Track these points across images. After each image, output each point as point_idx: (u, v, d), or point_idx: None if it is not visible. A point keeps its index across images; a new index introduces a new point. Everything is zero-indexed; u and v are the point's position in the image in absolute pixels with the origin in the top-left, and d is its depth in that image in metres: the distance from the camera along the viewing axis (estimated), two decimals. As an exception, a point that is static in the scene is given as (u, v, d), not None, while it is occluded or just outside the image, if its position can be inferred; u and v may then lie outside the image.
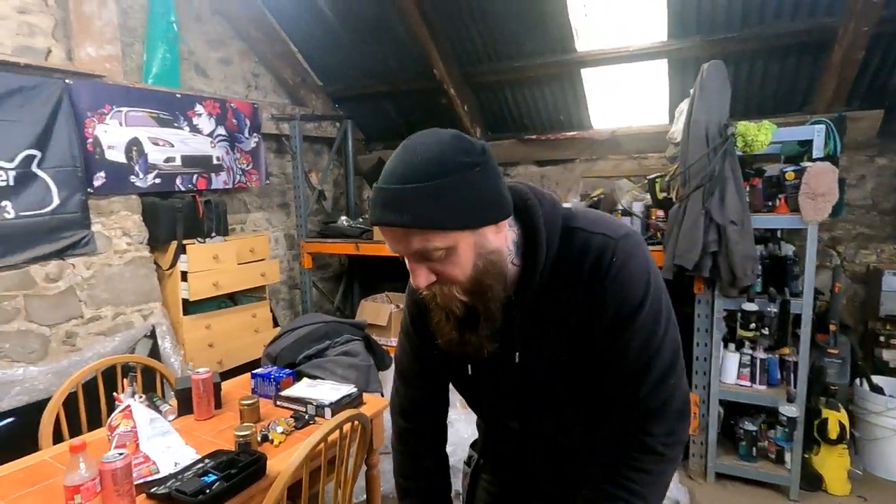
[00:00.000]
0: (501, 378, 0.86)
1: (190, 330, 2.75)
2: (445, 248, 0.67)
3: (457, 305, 0.73)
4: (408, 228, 0.66)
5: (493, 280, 0.72)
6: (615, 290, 0.74)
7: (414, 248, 0.68)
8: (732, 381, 2.41)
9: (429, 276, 0.71)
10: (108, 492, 1.07)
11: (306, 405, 1.65)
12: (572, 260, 0.75)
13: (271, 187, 3.66)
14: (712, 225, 2.20)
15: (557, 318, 0.78)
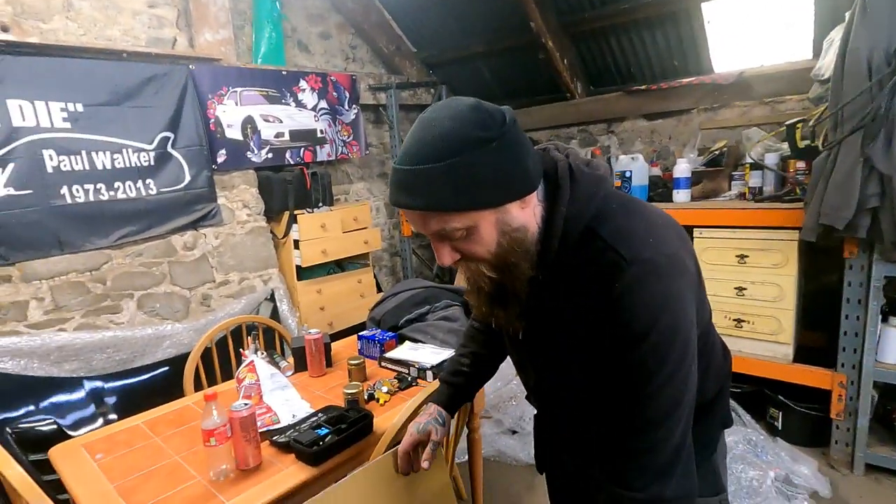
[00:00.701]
0: (513, 352, 0.91)
1: (303, 294, 2.97)
2: (465, 228, 0.65)
3: (485, 281, 0.72)
4: (424, 212, 0.65)
5: (518, 258, 0.69)
6: (620, 313, 0.66)
7: (433, 230, 0.67)
8: (892, 361, 2.04)
9: (453, 255, 0.69)
10: (237, 437, 1.18)
11: (409, 367, 1.69)
12: (586, 268, 0.69)
13: (371, 157, 3.76)
14: (873, 175, 1.83)
15: (559, 314, 0.74)
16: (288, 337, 2.03)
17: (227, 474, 1.17)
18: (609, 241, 0.67)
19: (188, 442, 1.34)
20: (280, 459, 1.24)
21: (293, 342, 1.82)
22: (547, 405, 0.94)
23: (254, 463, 1.20)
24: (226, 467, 1.17)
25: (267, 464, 1.23)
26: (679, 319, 0.66)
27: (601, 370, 0.71)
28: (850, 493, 2.01)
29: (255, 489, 1.13)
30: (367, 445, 1.30)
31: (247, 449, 1.19)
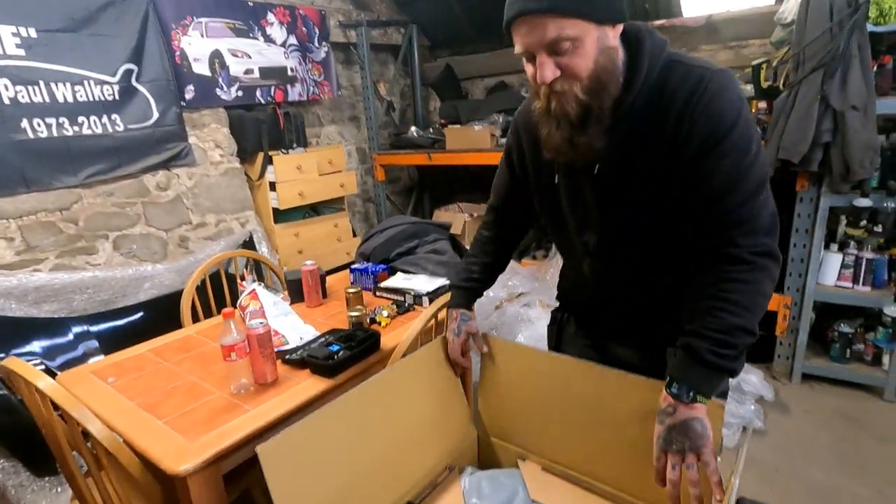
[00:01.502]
0: (581, 193, 0.92)
1: (281, 237, 2.95)
2: (574, 39, 0.74)
3: (572, 106, 0.78)
4: (545, 15, 0.72)
5: (609, 77, 0.78)
6: (708, 116, 0.77)
7: (548, 38, 0.73)
8: (831, 283, 2.29)
9: (555, 70, 0.76)
10: (255, 353, 1.22)
11: (405, 295, 1.76)
12: (671, 92, 0.79)
13: (342, 100, 3.67)
14: (828, 112, 1.99)
15: (646, 148, 0.82)
16: (279, 272, 2.05)
17: (247, 388, 1.23)
18: (690, 63, 0.80)
19: (200, 365, 1.38)
20: (295, 375, 1.31)
21: (287, 275, 1.85)
22: (605, 262, 0.95)
23: (271, 378, 1.26)
24: (245, 381, 1.22)
25: (283, 379, 1.28)
26: (749, 111, 0.81)
27: (699, 179, 0.79)
28: (789, 398, 2.30)
29: (276, 400, 1.19)
30: (376, 361, 1.38)
31: (264, 365, 1.24)
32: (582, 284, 1.04)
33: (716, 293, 0.79)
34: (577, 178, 0.91)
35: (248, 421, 1.11)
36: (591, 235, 0.94)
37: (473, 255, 1.19)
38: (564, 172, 0.93)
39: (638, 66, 0.80)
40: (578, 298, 1.12)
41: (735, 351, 0.77)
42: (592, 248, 0.95)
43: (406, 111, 4.25)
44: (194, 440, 1.04)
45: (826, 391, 2.34)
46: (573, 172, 0.91)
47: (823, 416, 2.17)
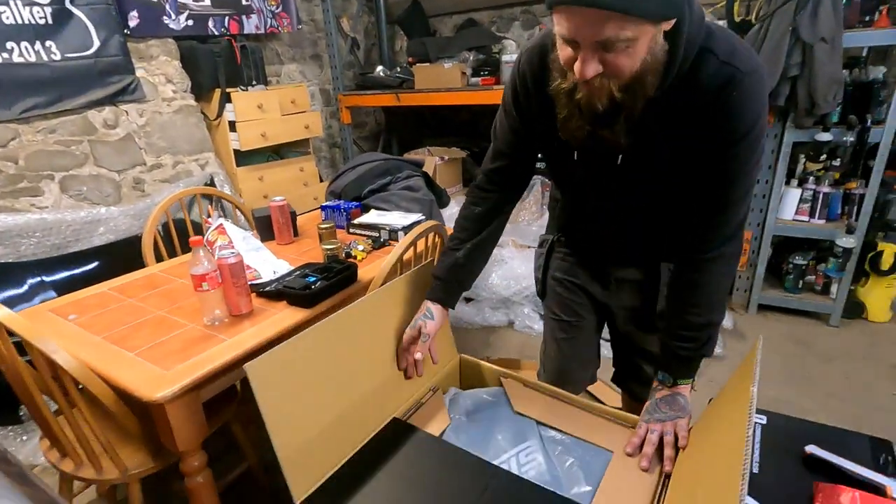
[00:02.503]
0: (603, 173, 0.91)
1: (244, 180, 2.82)
2: (629, 40, 0.65)
3: (603, 102, 0.72)
4: (610, 12, 0.61)
5: (651, 78, 0.71)
6: (730, 119, 0.75)
7: (604, 36, 0.64)
8: (790, 217, 2.39)
9: (598, 67, 0.68)
10: (227, 284, 1.18)
11: (380, 230, 1.72)
12: (699, 85, 0.75)
13: (302, 36, 3.44)
14: (797, 45, 2.01)
15: (668, 134, 0.80)
16: (246, 210, 1.96)
17: (222, 319, 1.19)
18: (723, 58, 0.74)
19: (168, 300, 1.32)
20: (271, 307, 1.27)
21: (255, 212, 1.77)
22: (615, 224, 0.98)
23: (246, 309, 1.22)
24: (219, 313, 1.18)
25: (258, 311, 1.25)
26: (766, 115, 0.80)
27: (698, 171, 0.82)
28: (746, 326, 2.44)
29: (253, 330, 1.16)
30: (355, 292, 1.36)
31: (238, 296, 1.20)
32: (587, 224, 1.05)
33: (690, 294, 0.90)
34: (598, 161, 0.89)
35: (226, 349, 1.08)
36: (608, 202, 0.96)
37: (462, 231, 1.05)
38: (583, 151, 0.89)
39: (673, 59, 0.72)
40: (580, 232, 1.10)
41: (703, 342, 0.91)
42: (611, 210, 0.97)
43: (371, 50, 4.04)
44: (170, 368, 1.01)
45: (779, 319, 2.50)
46: (594, 156, 0.88)
47: (776, 342, 2.32)
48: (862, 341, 2.29)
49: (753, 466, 0.77)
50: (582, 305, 1.14)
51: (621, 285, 1.08)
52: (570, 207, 1.08)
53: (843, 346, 2.26)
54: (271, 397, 0.77)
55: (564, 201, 1.10)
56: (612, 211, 0.96)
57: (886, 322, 2.40)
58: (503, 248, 2.61)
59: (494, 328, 2.52)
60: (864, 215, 2.21)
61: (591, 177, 0.93)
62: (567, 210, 1.10)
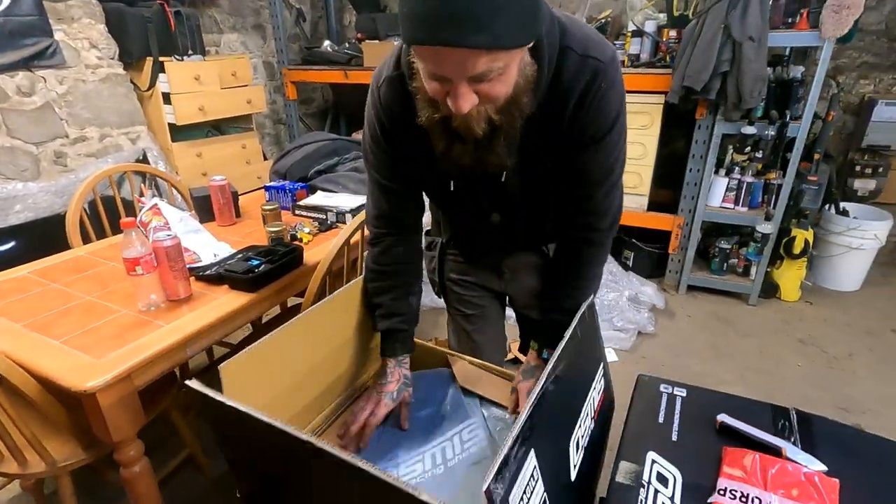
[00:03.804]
0: (487, 193, 0.91)
1: (181, 157, 2.67)
2: (502, 68, 0.62)
3: (482, 127, 0.69)
4: (479, 51, 0.58)
5: (524, 96, 0.70)
6: (597, 111, 0.77)
7: (477, 71, 0.60)
8: (717, 204, 2.57)
9: (474, 99, 0.65)
10: (164, 267, 1.13)
11: (326, 212, 1.69)
12: (566, 84, 0.74)
13: (243, 4, 3.26)
14: (728, 42, 2.13)
15: (547, 143, 0.80)
16: (183, 188, 1.86)
17: (158, 305, 1.14)
18: (582, 52, 0.73)
19: (98, 284, 1.25)
20: (212, 291, 1.23)
21: (193, 192, 1.69)
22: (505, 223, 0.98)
23: (184, 294, 1.18)
24: (155, 297, 1.13)
25: (198, 295, 1.21)
26: (625, 106, 0.82)
27: (577, 164, 0.84)
28: (676, 305, 2.62)
29: (193, 314, 1.12)
30: (299, 276, 1.34)
31: (176, 280, 1.15)
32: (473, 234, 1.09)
33: (573, 276, 0.97)
34: (481, 182, 0.87)
35: (163, 335, 1.04)
36: (492, 215, 0.97)
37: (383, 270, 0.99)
38: (463, 177, 0.87)
39: (541, 72, 0.71)
40: (466, 238, 1.13)
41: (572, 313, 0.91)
42: (494, 220, 0.98)
43: (318, 23, 3.89)
44: (102, 356, 0.96)
45: (705, 299, 2.69)
46: (475, 178, 0.85)
47: (702, 319, 2.51)
48: (775, 318, 2.51)
49: (673, 435, 0.85)
50: (482, 297, 1.19)
51: (514, 272, 1.13)
52: (453, 222, 1.11)
53: (760, 323, 2.48)
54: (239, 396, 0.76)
55: (446, 217, 1.11)
56: (495, 220, 0.97)
57: (796, 301, 2.65)
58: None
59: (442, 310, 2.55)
60: (780, 204, 2.41)
61: (473, 197, 0.93)
62: (450, 223, 1.12)
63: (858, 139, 2.73)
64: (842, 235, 2.63)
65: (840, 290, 2.75)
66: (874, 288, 2.75)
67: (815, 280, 2.80)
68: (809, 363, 2.18)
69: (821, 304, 2.64)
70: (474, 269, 1.16)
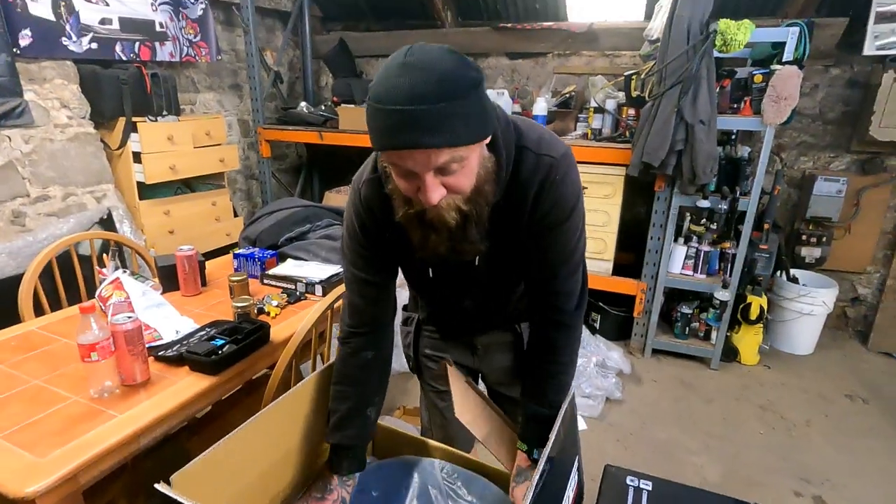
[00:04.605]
0: (461, 277, 0.97)
1: (148, 215, 2.63)
2: (462, 160, 0.70)
3: (452, 216, 0.76)
4: (437, 148, 0.66)
5: (489, 185, 0.78)
6: (555, 201, 0.84)
7: (439, 163, 0.68)
8: (677, 271, 2.67)
9: (442, 191, 0.72)
10: (121, 352, 1.09)
11: (296, 283, 1.68)
12: (525, 178, 0.83)
13: (222, 66, 3.33)
14: (682, 124, 2.29)
15: (512, 229, 0.88)
16: (148, 256, 1.82)
17: (112, 391, 1.09)
18: (537, 151, 0.83)
19: (48, 366, 1.19)
20: (171, 373, 1.19)
21: (158, 261, 1.66)
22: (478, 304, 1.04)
23: (142, 378, 1.13)
24: (110, 384, 1.08)
25: (156, 378, 1.16)
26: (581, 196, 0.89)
27: (540, 249, 0.90)
28: (642, 370, 2.66)
29: (150, 402, 1.08)
30: (265, 355, 1.31)
31: (133, 363, 1.11)
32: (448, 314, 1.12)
33: (550, 363, 0.98)
34: (456, 267, 0.93)
35: (116, 427, 0.98)
36: (467, 297, 1.03)
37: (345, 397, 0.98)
38: (440, 264, 0.94)
39: (500, 164, 0.80)
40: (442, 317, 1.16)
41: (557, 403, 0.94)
42: (469, 302, 1.04)
43: (295, 84, 3.99)
44: (46, 454, 0.90)
45: (670, 363, 2.75)
46: (450, 264, 0.91)
47: (667, 384, 2.55)
48: (736, 383, 2.58)
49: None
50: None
51: (487, 350, 1.16)
52: (430, 304, 1.14)
53: (722, 388, 2.54)
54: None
55: (423, 300, 1.15)
56: (470, 302, 1.04)
57: (755, 365, 2.73)
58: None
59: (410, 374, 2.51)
60: (736, 271, 2.53)
61: (449, 282, 0.99)
62: (427, 304, 1.15)
63: (803, 211, 2.93)
64: (793, 301, 2.77)
65: (795, 354, 2.86)
66: (826, 352, 2.87)
67: (771, 344, 2.91)
68: (770, 430, 2.23)
69: (778, 368, 2.73)
70: (448, 346, 1.18)
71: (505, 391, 1.19)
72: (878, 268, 2.97)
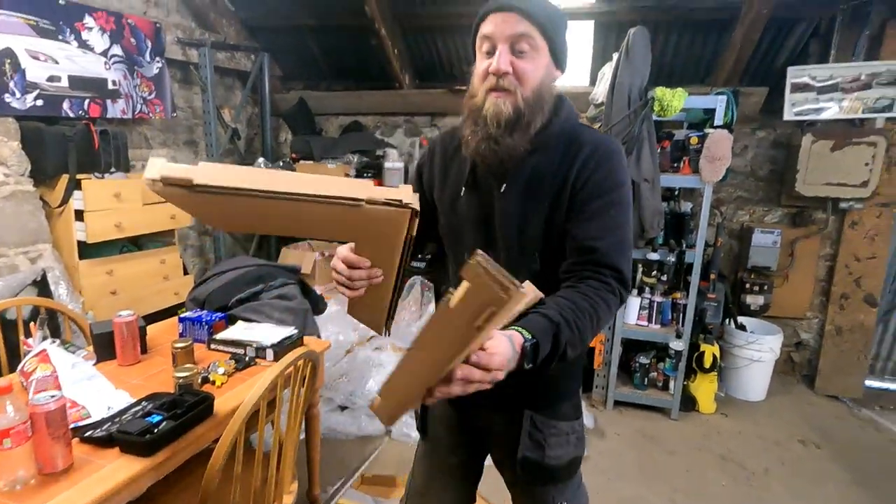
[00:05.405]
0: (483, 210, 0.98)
1: (88, 276, 2.48)
2: (532, 44, 0.87)
3: (508, 108, 0.87)
4: (521, 14, 0.85)
5: (545, 99, 0.91)
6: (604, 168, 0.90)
7: (516, 31, 0.85)
8: (633, 322, 2.73)
9: (509, 64, 0.86)
10: (41, 436, 0.98)
11: (245, 347, 1.60)
12: (581, 139, 0.93)
13: (177, 122, 3.30)
14: (628, 182, 2.41)
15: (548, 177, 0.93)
16: (83, 322, 1.70)
17: (27, 481, 0.97)
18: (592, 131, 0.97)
19: (-48, 454, 1.05)
20: (99, 456, 1.08)
21: (93, 328, 1.55)
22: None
23: (64, 464, 1.02)
24: (24, 474, 0.97)
25: (81, 463, 1.05)
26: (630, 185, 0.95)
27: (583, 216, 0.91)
28: (605, 423, 2.64)
29: (71, 492, 0.97)
30: (210, 428, 1.22)
31: (54, 448, 1.00)
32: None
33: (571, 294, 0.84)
34: (482, 193, 0.98)
35: (26, 528, 0.87)
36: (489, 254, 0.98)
37: None
38: (471, 186, 0.99)
39: (559, 113, 0.95)
40: None
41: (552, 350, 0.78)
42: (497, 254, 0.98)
43: (253, 140, 3.99)
44: (-65, 568, 0.78)
45: (631, 414, 2.75)
46: (479, 187, 0.98)
47: (630, 437, 2.53)
48: (696, 433, 2.60)
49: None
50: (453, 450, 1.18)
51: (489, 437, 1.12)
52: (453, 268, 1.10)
53: (683, 438, 2.54)
54: None
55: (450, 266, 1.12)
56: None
57: (713, 414, 2.77)
58: (382, 352, 2.58)
59: (371, 438, 2.40)
60: (688, 321, 2.61)
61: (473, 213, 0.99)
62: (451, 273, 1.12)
63: (744, 261, 3.10)
64: (743, 349, 2.87)
65: (749, 400, 2.93)
66: (777, 397, 2.96)
67: (726, 391, 2.97)
68: (732, 481, 2.23)
69: (734, 415, 2.78)
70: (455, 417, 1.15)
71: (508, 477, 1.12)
72: (815, 313, 3.14)
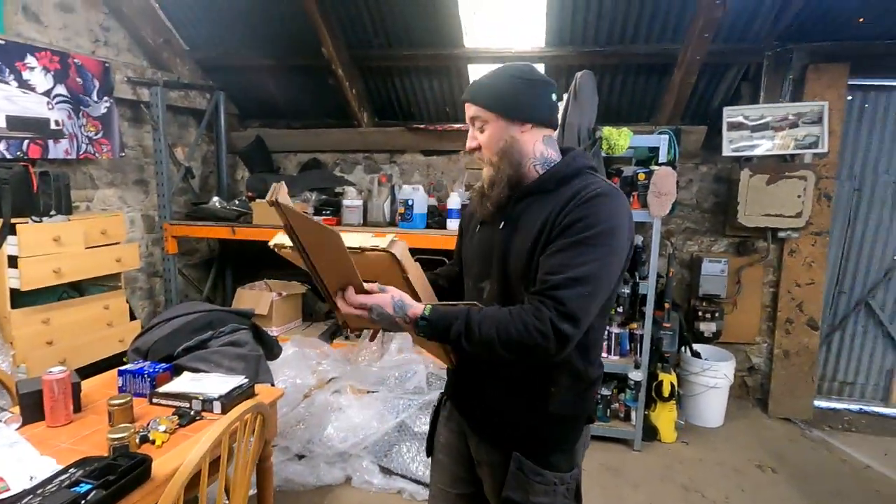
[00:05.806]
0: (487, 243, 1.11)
1: (21, 326, 2.31)
2: (483, 121, 1.04)
3: (487, 171, 1.08)
4: (469, 103, 1.06)
5: (506, 163, 1.04)
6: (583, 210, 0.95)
7: (470, 114, 1.06)
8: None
9: (472, 142, 1.08)
10: (-54, 518, 0.88)
11: (191, 400, 1.51)
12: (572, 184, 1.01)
13: (126, 161, 3.20)
14: (581, 217, 2.49)
15: (536, 216, 1.02)
16: (7, 379, 1.57)
17: (-73, 572, 0.87)
18: (594, 178, 1.03)
19: None
20: (16, 536, 0.98)
21: (20, 386, 1.43)
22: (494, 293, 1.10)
23: (-28, 548, 0.92)
24: (-76, 563, 0.86)
25: (-6, 546, 0.95)
26: (618, 231, 0.96)
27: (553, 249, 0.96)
28: (570, 458, 2.62)
29: (-22, 581, 0.87)
30: (147, 492, 1.13)
31: (-38, 532, 0.90)
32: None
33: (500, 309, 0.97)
34: (487, 231, 1.12)
35: None
36: (487, 283, 1.11)
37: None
38: (481, 225, 1.15)
39: (556, 166, 1.05)
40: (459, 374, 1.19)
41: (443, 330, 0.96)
42: (486, 295, 1.10)
43: (208, 178, 3.91)
44: None
45: (595, 447, 2.74)
46: (486, 227, 1.13)
47: (595, 472, 2.52)
48: (659, 463, 2.61)
49: None
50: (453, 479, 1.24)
51: (481, 468, 1.16)
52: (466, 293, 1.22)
53: (646, 469, 2.55)
54: None
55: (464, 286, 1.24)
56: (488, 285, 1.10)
57: (674, 442, 2.81)
58: (341, 395, 2.49)
59: (330, 487, 2.29)
60: (645, 351, 2.66)
61: (480, 247, 1.14)
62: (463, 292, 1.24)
63: (696, 289, 3.21)
64: (699, 376, 2.94)
65: (707, 427, 2.98)
66: (734, 422, 3.03)
67: (686, 418, 3.02)
68: (695, 512, 2.24)
69: (695, 443, 2.82)
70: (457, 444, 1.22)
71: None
72: (764, 338, 3.27)
